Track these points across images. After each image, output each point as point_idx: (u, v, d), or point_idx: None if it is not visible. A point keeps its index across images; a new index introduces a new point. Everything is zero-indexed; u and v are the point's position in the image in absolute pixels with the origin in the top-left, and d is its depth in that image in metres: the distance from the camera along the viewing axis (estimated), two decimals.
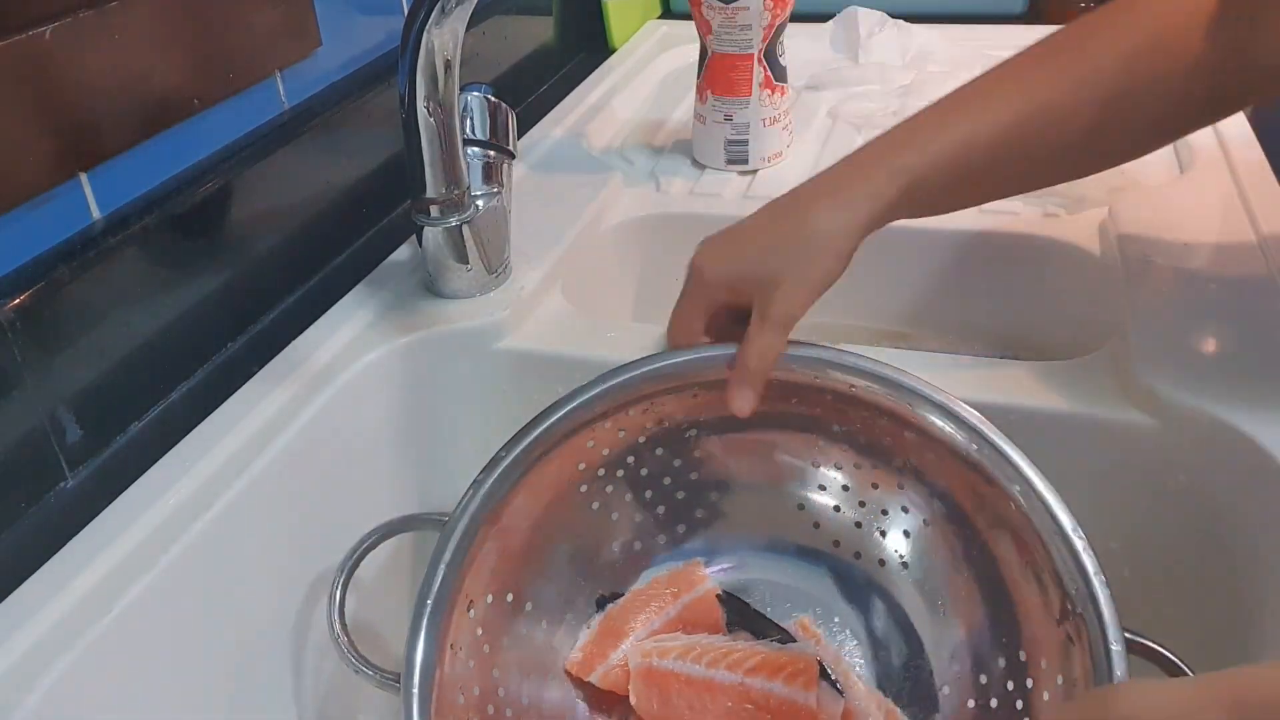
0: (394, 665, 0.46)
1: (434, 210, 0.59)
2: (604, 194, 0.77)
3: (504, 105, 0.64)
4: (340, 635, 0.49)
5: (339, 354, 0.59)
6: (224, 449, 0.52)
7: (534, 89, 0.99)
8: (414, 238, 0.66)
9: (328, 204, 0.68)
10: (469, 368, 0.62)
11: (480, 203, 0.62)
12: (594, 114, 0.91)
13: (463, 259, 0.62)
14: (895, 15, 1.04)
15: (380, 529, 0.52)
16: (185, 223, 0.57)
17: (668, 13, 1.20)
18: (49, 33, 0.48)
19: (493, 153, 0.64)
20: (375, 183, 0.73)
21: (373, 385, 0.59)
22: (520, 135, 0.74)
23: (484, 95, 0.64)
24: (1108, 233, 0.67)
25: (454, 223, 0.60)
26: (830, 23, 1.06)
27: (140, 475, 0.50)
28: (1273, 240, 0.63)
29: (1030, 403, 0.53)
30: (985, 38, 1.00)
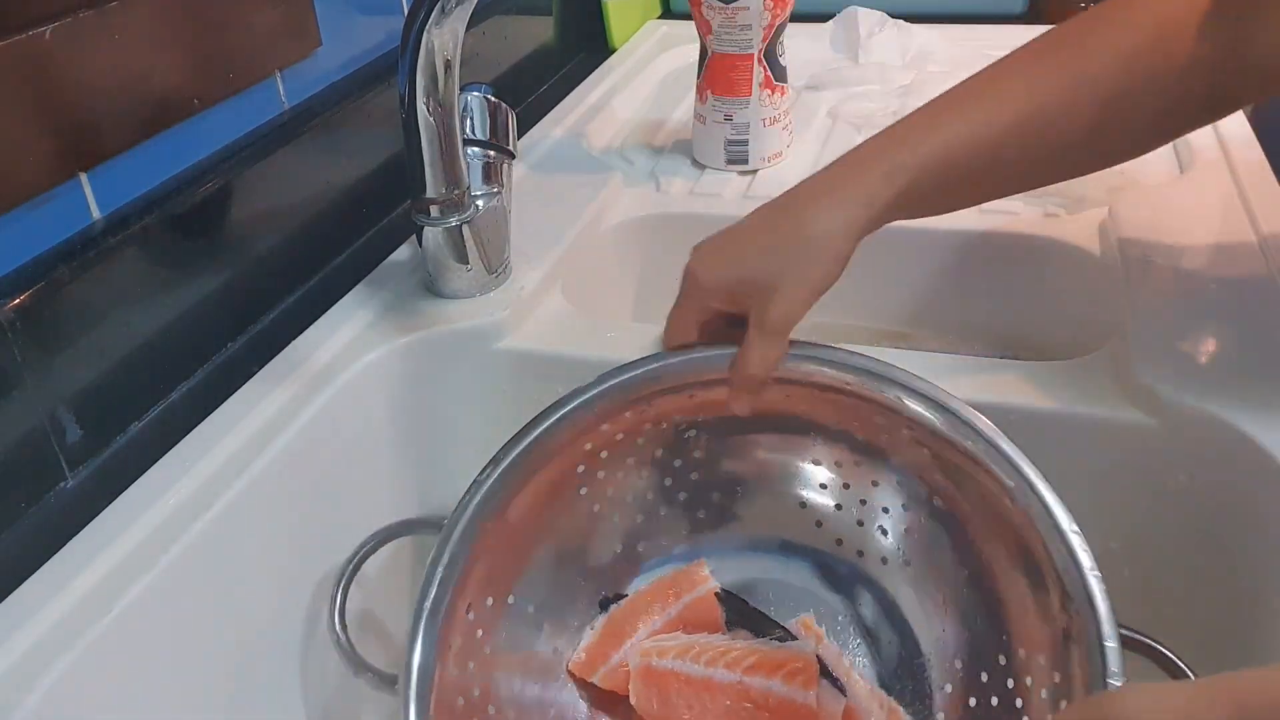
0: (396, 667, 0.46)
1: (434, 210, 0.59)
2: (604, 194, 0.77)
3: (504, 105, 0.64)
4: (341, 638, 0.49)
5: (339, 354, 0.59)
6: (224, 449, 0.52)
7: (534, 89, 0.99)
8: (414, 238, 0.66)
9: (328, 204, 0.68)
10: (469, 368, 0.62)
11: (480, 203, 0.62)
12: (594, 114, 0.91)
13: (463, 259, 0.62)
14: (895, 15, 1.04)
15: (379, 534, 0.52)
16: (185, 223, 0.57)
17: (668, 13, 1.20)
18: (49, 33, 0.48)
19: (493, 153, 0.64)
20: (375, 183, 0.73)
21: (373, 385, 0.59)
22: (520, 135, 0.74)
23: (484, 95, 0.64)
24: (1108, 233, 0.67)
25: (454, 223, 0.60)
26: (830, 23, 1.06)
27: (140, 475, 0.50)
28: (1273, 240, 0.63)
29: (1030, 403, 0.53)
30: (985, 38, 1.00)
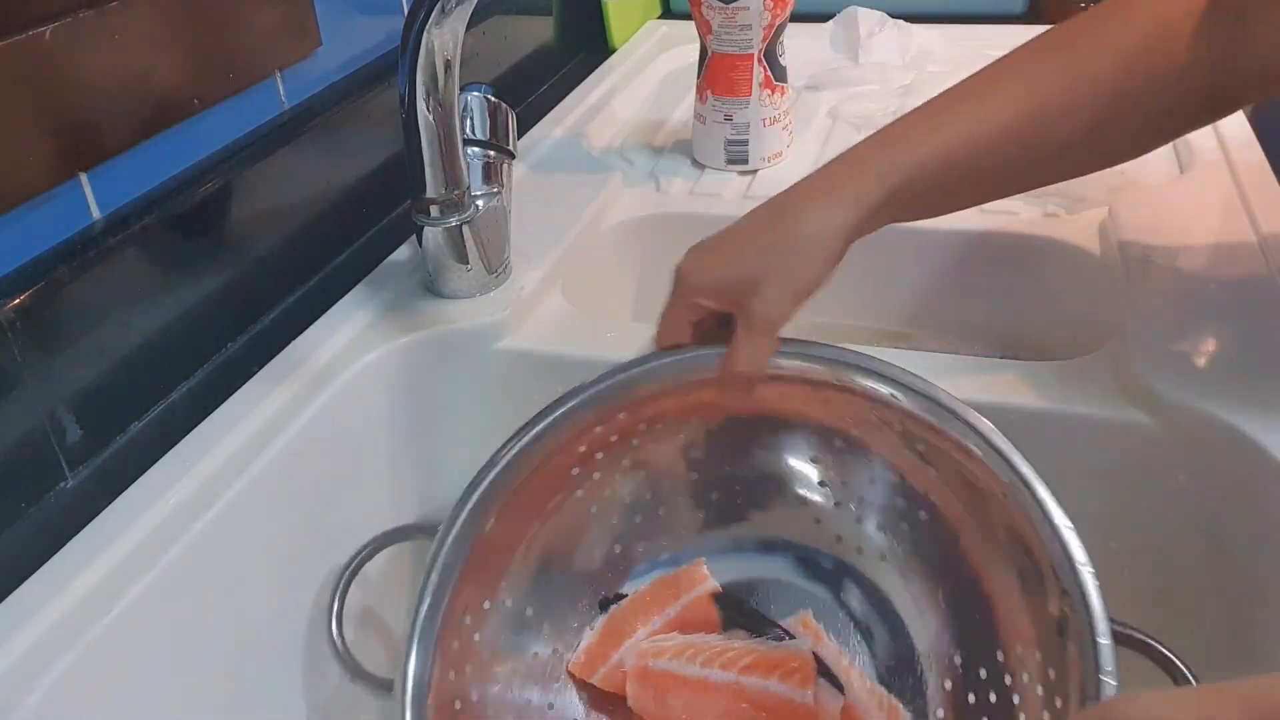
0: (395, 672, 0.46)
1: (434, 210, 0.59)
2: (604, 194, 0.77)
3: (504, 105, 0.64)
4: (339, 646, 0.49)
5: (339, 354, 0.59)
6: (224, 449, 0.52)
7: (534, 89, 0.99)
8: (414, 238, 0.66)
9: (328, 204, 0.68)
10: (469, 368, 0.62)
11: (480, 203, 0.62)
12: (594, 114, 0.91)
13: (463, 259, 0.62)
14: (895, 15, 1.04)
15: (376, 540, 0.52)
16: (185, 223, 0.57)
17: (668, 13, 1.20)
18: (49, 33, 0.48)
19: (493, 153, 0.64)
20: (375, 183, 0.73)
21: (373, 385, 0.59)
22: (520, 135, 0.74)
23: (484, 95, 0.64)
24: (1108, 233, 0.67)
25: (454, 223, 0.60)
26: (830, 23, 1.06)
27: (140, 475, 0.50)
28: (1273, 240, 0.63)
29: (1030, 403, 0.53)
30: (985, 38, 1.00)
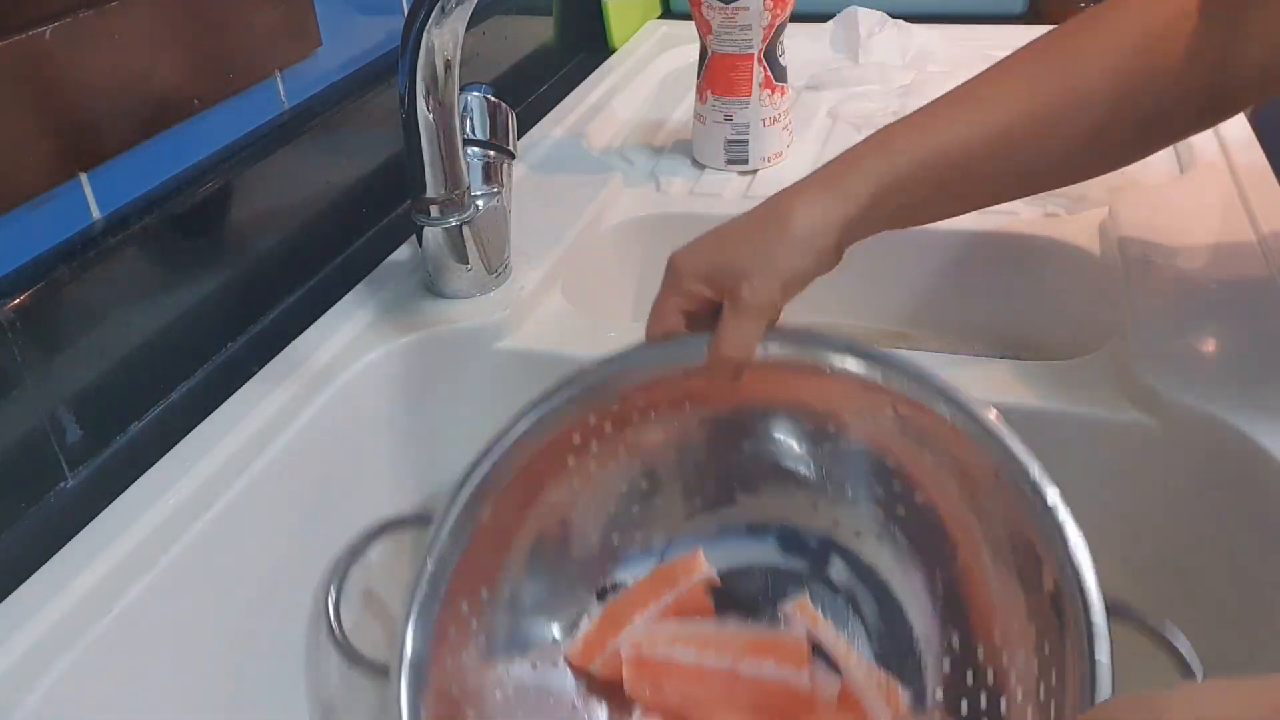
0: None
1: (434, 210, 0.59)
2: (604, 194, 0.77)
3: (504, 105, 0.64)
4: (336, 630, 0.49)
5: (339, 354, 0.59)
6: (224, 449, 0.52)
7: (534, 89, 0.99)
8: (414, 238, 0.66)
9: (328, 204, 0.68)
10: (469, 368, 0.62)
11: (480, 203, 0.62)
12: (594, 114, 0.91)
13: (463, 259, 0.62)
14: (895, 15, 1.04)
15: (373, 528, 0.52)
16: (185, 223, 0.57)
17: (668, 13, 1.20)
18: (49, 33, 0.48)
19: (493, 153, 0.64)
20: (375, 183, 0.73)
21: (373, 385, 0.59)
22: (520, 135, 0.74)
23: (484, 95, 0.64)
24: (1108, 233, 0.67)
25: (454, 223, 0.60)
26: (830, 23, 1.06)
27: (140, 475, 0.50)
28: (1273, 240, 0.63)
29: (1030, 403, 0.53)
30: (985, 38, 1.00)
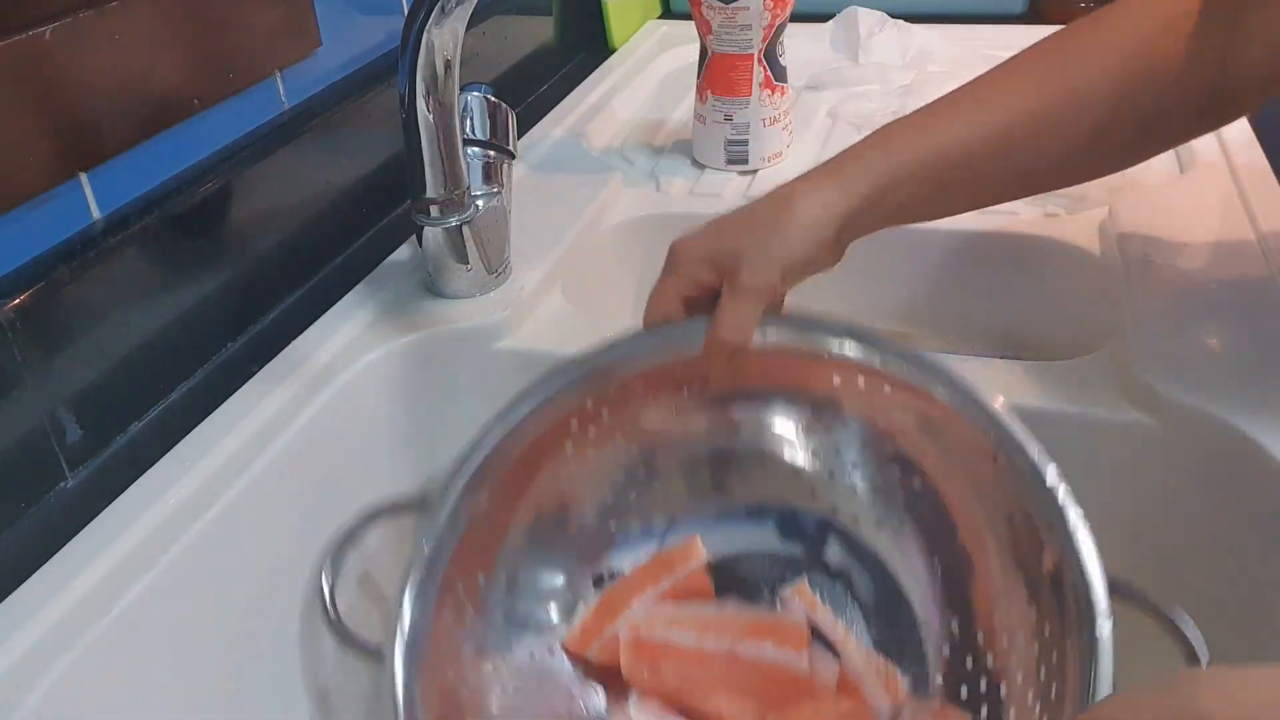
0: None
1: (434, 210, 0.59)
2: (604, 194, 0.77)
3: (504, 105, 0.64)
4: (330, 610, 0.49)
5: (339, 354, 0.59)
6: (224, 449, 0.52)
7: (534, 89, 0.99)
8: (414, 238, 0.67)
9: (328, 204, 0.68)
10: (469, 368, 0.62)
11: (480, 203, 0.62)
12: (594, 114, 0.91)
13: (463, 259, 0.62)
14: (895, 15, 1.04)
15: (369, 511, 0.52)
16: (185, 223, 0.57)
17: (668, 13, 1.20)
18: (49, 33, 0.48)
19: (493, 153, 0.64)
20: (375, 183, 0.73)
21: (373, 385, 0.59)
22: (520, 135, 0.74)
23: (484, 95, 0.64)
24: (1108, 233, 0.67)
25: (454, 223, 0.60)
26: (830, 23, 1.06)
27: (140, 475, 0.50)
28: (1273, 240, 0.63)
29: (1030, 403, 0.53)
30: (985, 38, 1.00)
